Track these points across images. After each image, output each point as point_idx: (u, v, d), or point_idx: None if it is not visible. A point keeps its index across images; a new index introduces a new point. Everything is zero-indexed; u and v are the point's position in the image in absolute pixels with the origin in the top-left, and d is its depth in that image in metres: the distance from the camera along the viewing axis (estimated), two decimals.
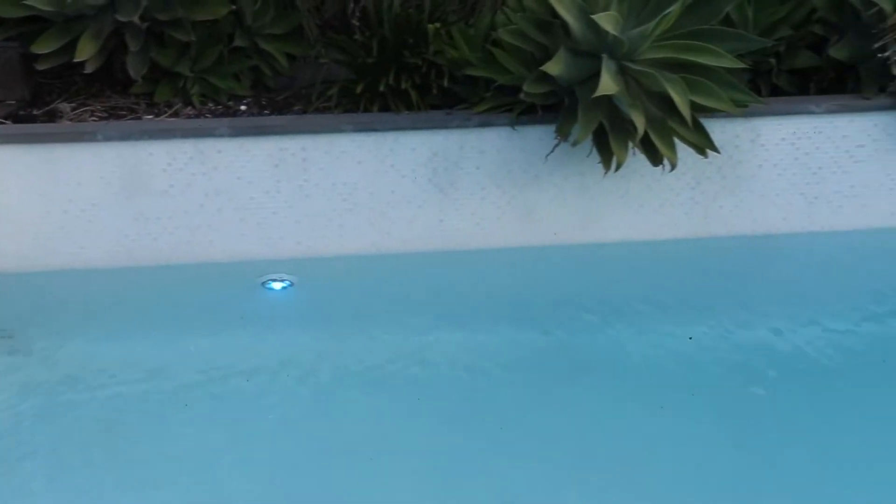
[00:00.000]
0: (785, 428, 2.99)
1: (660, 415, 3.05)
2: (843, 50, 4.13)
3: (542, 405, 3.11)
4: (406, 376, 3.27)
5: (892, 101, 4.07)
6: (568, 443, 2.92)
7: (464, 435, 2.96)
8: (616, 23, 3.45)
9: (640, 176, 4.05)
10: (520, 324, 3.59)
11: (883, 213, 4.24)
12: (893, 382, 3.24)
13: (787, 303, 3.73)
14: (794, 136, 4.11)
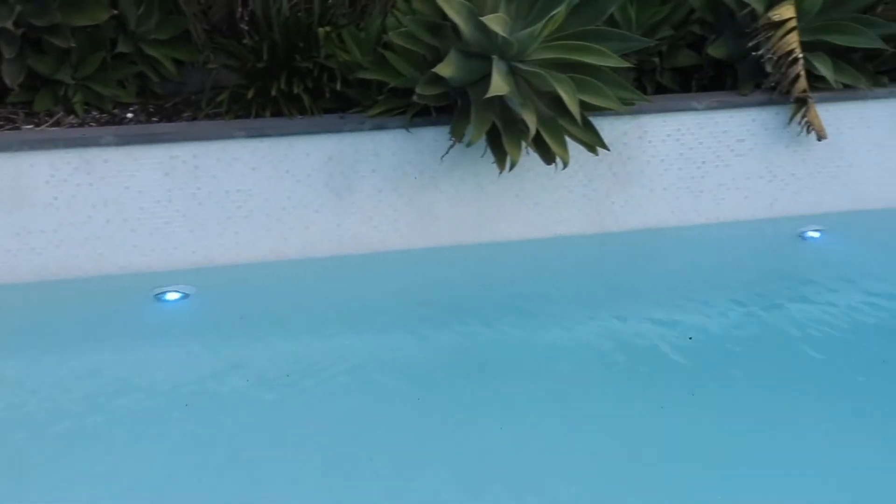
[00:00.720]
0: (686, 417, 3.07)
1: (561, 410, 3.10)
2: (721, 49, 4.31)
3: (445, 405, 3.13)
4: (308, 383, 3.24)
5: (767, 97, 4.26)
6: (470, 443, 2.94)
7: (367, 438, 2.94)
8: (504, 24, 3.50)
9: (534, 175, 4.13)
10: (422, 325, 3.59)
11: (763, 205, 4.43)
12: (777, 366, 3.38)
13: (677, 293, 3.86)
14: (679, 132, 4.26)
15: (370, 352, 3.40)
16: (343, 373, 3.27)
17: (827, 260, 4.16)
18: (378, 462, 2.82)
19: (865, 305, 3.73)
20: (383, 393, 3.18)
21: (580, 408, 3.11)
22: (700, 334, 3.52)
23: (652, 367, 3.33)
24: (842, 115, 4.38)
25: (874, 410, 3.07)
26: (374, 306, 3.68)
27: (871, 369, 3.32)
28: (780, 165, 4.39)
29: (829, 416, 3.06)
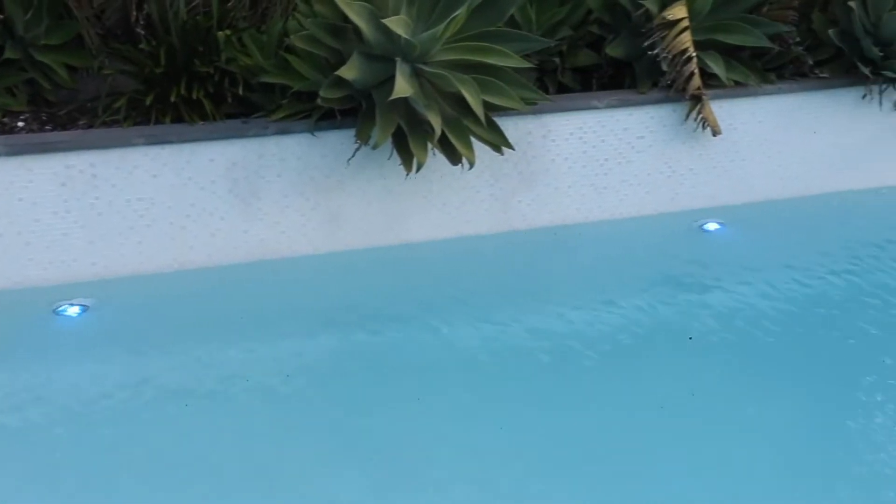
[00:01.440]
0: (598, 411, 3.14)
1: (477, 408, 3.13)
2: (619, 48, 4.42)
3: (362, 408, 3.12)
4: (218, 393, 3.18)
5: (664, 94, 4.39)
6: (385, 444, 2.94)
7: (281, 445, 2.91)
8: (406, 26, 3.51)
9: (440, 176, 4.15)
10: (334, 329, 3.58)
11: (664, 199, 4.57)
12: (682, 355, 3.49)
13: (585, 288, 3.95)
14: (581, 130, 4.35)
15: (280, 359, 3.36)
16: (252, 381, 3.23)
17: (725, 251, 4.32)
18: (291, 466, 2.80)
19: (762, 294, 3.88)
20: (296, 400, 3.15)
21: (496, 405, 3.14)
22: (608, 327, 3.61)
23: (564, 363, 3.38)
24: (734, 112, 4.55)
25: (774, 396, 3.19)
26: (283, 313, 3.64)
27: (772, 355, 3.45)
28: (678, 161, 4.53)
29: (731, 401, 3.17)
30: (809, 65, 4.65)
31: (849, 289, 3.91)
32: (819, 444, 3.00)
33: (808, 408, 3.16)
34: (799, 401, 3.19)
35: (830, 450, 2.95)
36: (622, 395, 3.19)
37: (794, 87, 4.63)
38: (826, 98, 4.69)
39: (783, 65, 4.63)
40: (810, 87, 4.66)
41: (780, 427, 3.06)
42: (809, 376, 3.34)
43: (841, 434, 3.02)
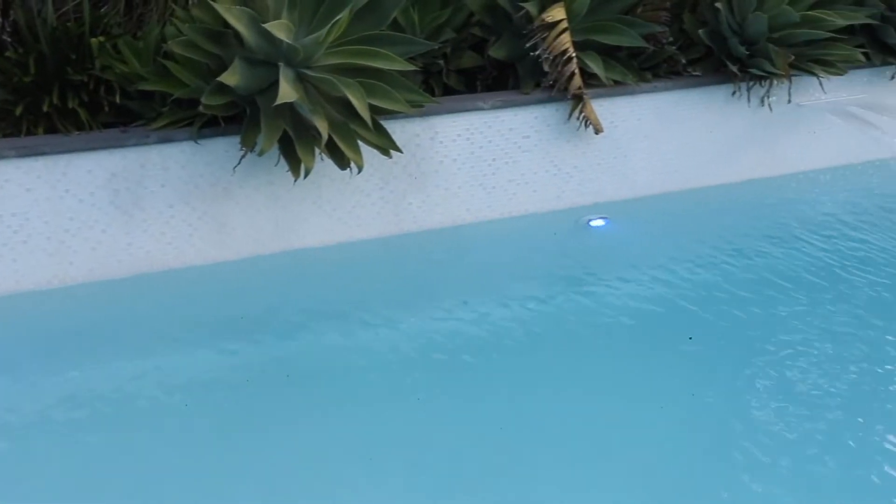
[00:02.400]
0: (497, 410, 3.17)
1: (373, 413, 3.12)
2: (501, 50, 4.49)
3: (254, 418, 3.06)
4: (106, 411, 3.07)
5: (547, 94, 4.49)
6: (280, 453, 2.90)
7: (175, 460, 2.84)
8: (289, 31, 3.47)
9: (330, 180, 4.12)
10: (225, 340, 3.50)
11: (551, 197, 4.67)
12: (577, 350, 3.57)
13: (477, 287, 3.99)
14: (468, 131, 4.40)
15: (168, 372, 3.27)
16: (140, 397, 3.13)
17: (611, 245, 4.45)
18: (176, 484, 2.73)
19: (647, 286, 4.02)
20: (184, 414, 3.08)
21: (388, 412, 3.13)
22: (500, 325, 3.66)
23: (458, 363, 3.41)
24: (615, 110, 4.69)
25: (658, 389, 3.29)
26: (171, 325, 3.55)
27: (661, 345, 3.57)
28: (563, 159, 4.64)
29: (628, 394, 3.25)
30: (682, 63, 4.83)
31: (728, 277, 4.09)
32: (706, 428, 3.11)
33: (697, 394, 3.27)
34: (690, 387, 3.30)
35: (717, 432, 3.07)
36: (517, 393, 3.23)
37: (670, 85, 4.81)
38: (699, 95, 4.89)
39: (658, 64, 4.81)
40: (684, 84, 4.85)
41: (678, 414, 3.14)
42: (698, 362, 3.46)
43: (727, 417, 3.15)
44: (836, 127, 5.10)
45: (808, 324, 3.64)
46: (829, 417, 3.06)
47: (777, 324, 3.65)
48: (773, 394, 3.20)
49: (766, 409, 3.13)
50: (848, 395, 3.15)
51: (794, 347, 3.48)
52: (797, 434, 2.97)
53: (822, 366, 3.35)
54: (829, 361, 3.37)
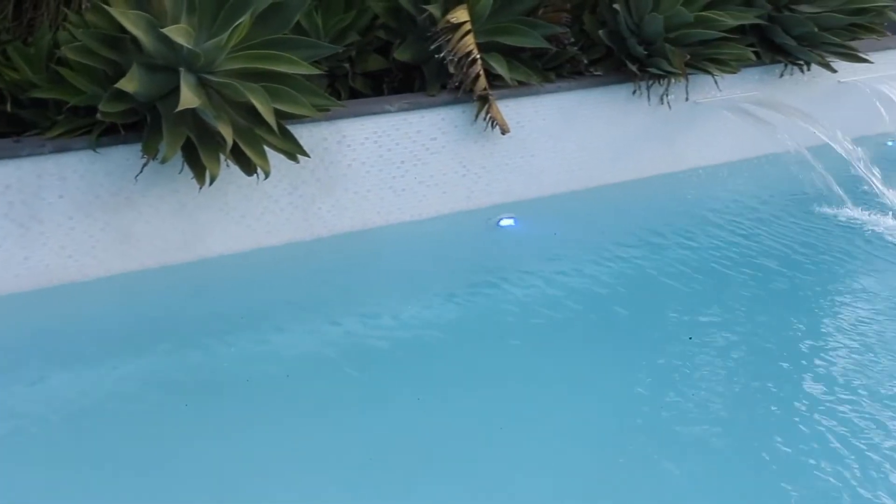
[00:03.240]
0: (412, 414, 3.17)
1: (289, 420, 3.09)
2: (406, 52, 4.50)
3: (170, 433, 3.00)
4: (7, 435, 2.95)
5: (453, 96, 4.51)
6: (195, 465, 2.84)
7: (81, 477, 2.75)
8: (188, 35, 3.40)
9: (236, 187, 4.06)
10: (131, 353, 3.41)
11: (460, 198, 4.70)
12: (493, 350, 3.60)
13: (389, 291, 4.00)
14: (376, 134, 4.39)
15: (72, 389, 3.17)
16: (41, 418, 3.02)
17: (521, 244, 4.52)
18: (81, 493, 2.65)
19: (557, 282, 4.09)
20: (103, 430, 3.00)
21: (309, 416, 3.11)
22: (412, 327, 3.67)
23: (372, 368, 3.40)
24: (520, 110, 4.75)
25: (582, 377, 3.36)
26: (74, 341, 3.44)
27: (574, 338, 3.63)
28: (471, 160, 4.68)
29: (542, 392, 3.30)
30: (584, 64, 4.94)
31: (636, 271, 4.20)
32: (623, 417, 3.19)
33: (609, 386, 3.34)
34: (601, 379, 3.37)
35: (627, 419, 3.15)
36: (432, 396, 3.24)
37: (573, 85, 4.90)
38: (601, 94, 5.00)
39: (561, 64, 4.89)
40: (587, 84, 4.95)
41: (590, 403, 3.21)
42: (609, 353, 3.54)
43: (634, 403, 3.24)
44: (731, 123, 5.29)
45: (713, 312, 3.77)
46: (729, 402, 3.18)
47: (684, 314, 3.77)
48: (681, 382, 3.30)
49: (673, 395, 3.23)
50: (746, 382, 3.27)
51: (700, 336, 3.60)
52: (701, 417, 3.07)
53: (725, 353, 3.47)
54: (731, 349, 3.50)
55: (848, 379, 3.24)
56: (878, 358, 3.38)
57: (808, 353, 3.46)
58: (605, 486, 2.78)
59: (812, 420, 3.01)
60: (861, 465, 2.79)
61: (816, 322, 3.76)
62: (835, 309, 3.89)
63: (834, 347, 3.51)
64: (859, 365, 3.34)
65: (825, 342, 3.57)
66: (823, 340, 3.58)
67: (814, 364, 3.38)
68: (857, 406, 3.06)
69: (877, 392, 3.14)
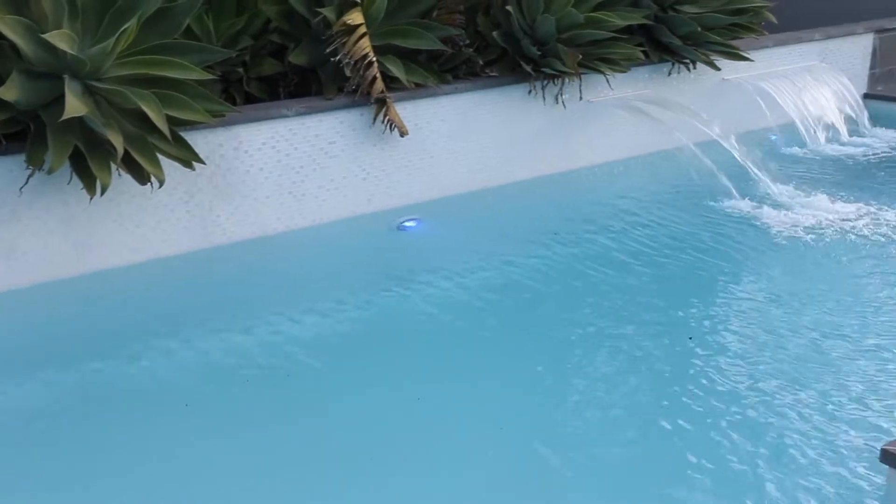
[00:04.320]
0: (324, 420, 3.12)
1: (190, 436, 3.01)
2: (301, 56, 4.46)
3: (71, 449, 2.89)
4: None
5: (350, 99, 4.50)
6: (101, 480, 2.75)
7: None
8: (71, 41, 3.29)
9: (130, 196, 3.94)
10: (18, 375, 3.27)
11: (361, 201, 4.69)
12: (401, 351, 3.59)
13: (292, 298, 3.94)
14: (273, 139, 4.34)
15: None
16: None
17: (423, 246, 4.53)
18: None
19: (459, 283, 4.12)
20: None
21: (207, 431, 3.03)
22: (317, 333, 3.63)
23: (279, 376, 3.34)
24: (419, 112, 4.77)
25: (476, 378, 3.39)
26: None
27: (485, 337, 3.66)
28: (371, 163, 4.67)
29: (441, 390, 3.31)
30: (480, 65, 4.99)
31: (539, 269, 4.26)
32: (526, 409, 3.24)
33: (515, 378, 3.38)
34: (506, 374, 3.40)
35: (534, 410, 3.19)
36: (342, 402, 3.20)
37: (470, 86, 4.95)
38: (498, 95, 5.07)
39: (457, 66, 4.94)
40: (483, 85, 5.01)
41: (497, 399, 3.23)
42: (515, 348, 3.58)
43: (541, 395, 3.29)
44: (624, 121, 5.45)
45: (610, 304, 3.86)
46: (624, 389, 3.26)
47: (582, 308, 3.84)
48: (578, 373, 3.37)
49: (569, 387, 3.29)
50: (642, 371, 3.37)
51: (599, 329, 3.68)
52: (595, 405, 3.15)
53: (620, 343, 3.56)
54: (624, 339, 3.59)
55: (738, 361, 3.37)
56: (766, 340, 3.52)
57: (702, 337, 3.59)
58: (497, 479, 2.81)
59: (703, 401, 3.11)
60: (751, 447, 2.90)
61: (709, 308, 3.89)
62: (725, 295, 4.04)
63: (724, 332, 3.63)
64: (749, 346, 3.48)
65: (717, 326, 3.69)
66: (715, 325, 3.71)
67: (706, 346, 3.51)
68: (744, 389, 3.18)
69: (763, 375, 3.27)
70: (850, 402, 3.07)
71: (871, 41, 6.97)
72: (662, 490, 2.72)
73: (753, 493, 2.66)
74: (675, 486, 2.73)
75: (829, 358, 3.37)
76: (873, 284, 3.98)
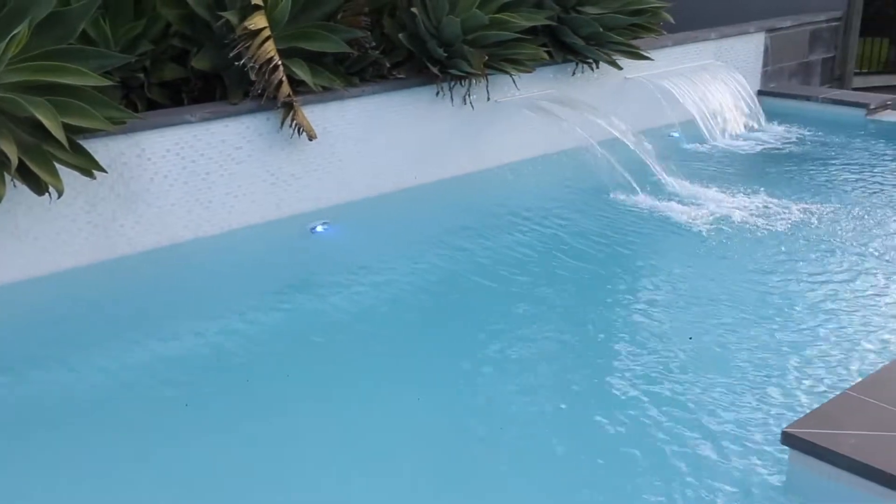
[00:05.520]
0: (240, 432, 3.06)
1: (105, 449, 2.93)
2: (204, 60, 4.38)
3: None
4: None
5: (256, 104, 4.44)
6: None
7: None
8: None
9: (27, 208, 3.80)
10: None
11: (271, 207, 4.63)
12: (310, 356, 3.57)
13: (201, 308, 3.87)
14: (178, 146, 4.25)
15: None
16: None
17: (334, 250, 4.51)
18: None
19: (371, 287, 4.12)
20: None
21: (109, 447, 2.95)
22: (229, 341, 3.58)
23: (189, 390, 3.27)
24: (326, 115, 4.75)
25: (391, 382, 3.39)
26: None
27: (395, 340, 3.66)
28: (279, 168, 4.62)
29: (352, 396, 3.29)
30: (387, 67, 4.99)
31: (447, 271, 4.29)
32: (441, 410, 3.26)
33: (426, 383, 3.40)
34: (420, 377, 3.42)
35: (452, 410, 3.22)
36: (255, 412, 3.16)
37: (377, 89, 4.95)
38: (406, 97, 5.08)
39: (364, 68, 4.93)
40: (391, 87, 5.01)
41: (413, 400, 3.24)
42: (428, 349, 3.60)
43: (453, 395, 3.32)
44: (531, 121, 5.53)
45: (517, 302, 3.93)
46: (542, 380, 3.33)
47: (492, 306, 3.90)
48: (492, 375, 3.42)
49: (485, 383, 3.34)
50: (552, 363, 3.44)
51: (510, 325, 3.74)
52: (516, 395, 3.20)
53: (531, 340, 3.63)
54: (536, 336, 3.66)
55: (639, 350, 3.47)
56: (664, 330, 3.64)
57: (604, 327, 3.69)
58: (418, 478, 2.84)
59: (607, 393, 3.20)
60: (653, 434, 2.98)
61: (611, 299, 4.00)
62: (628, 287, 4.14)
63: (626, 322, 3.73)
64: (648, 336, 3.59)
65: (618, 317, 3.79)
66: (616, 316, 3.81)
67: (610, 336, 3.61)
68: (655, 376, 3.28)
69: (662, 365, 3.37)
70: (751, 389, 3.19)
71: (762, 40, 7.26)
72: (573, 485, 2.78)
73: (655, 479, 2.74)
74: (585, 474, 2.79)
75: (727, 346, 3.49)
76: (768, 272, 4.15)
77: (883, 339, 3.49)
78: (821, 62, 8.02)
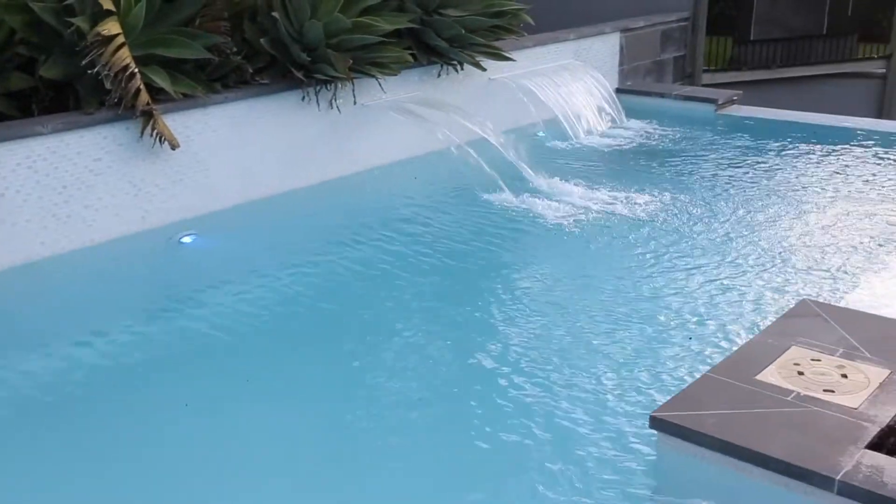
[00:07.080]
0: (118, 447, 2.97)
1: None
2: (54, 69, 4.19)
3: None
4: None
5: (114, 113, 4.27)
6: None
7: None
8: None
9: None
10: None
11: (135, 219, 4.47)
12: (180, 370, 3.47)
13: (60, 328, 3.70)
14: (30, 159, 4.05)
15: None
16: None
17: (204, 260, 4.41)
18: None
19: (241, 297, 4.04)
20: None
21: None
22: (92, 361, 3.44)
23: (48, 414, 3.13)
24: (189, 123, 4.62)
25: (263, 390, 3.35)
26: None
27: (263, 351, 3.61)
28: (142, 178, 4.46)
29: (220, 409, 3.23)
30: (250, 73, 4.91)
31: (321, 276, 4.27)
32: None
33: (309, 392, 3.37)
34: (301, 387, 3.38)
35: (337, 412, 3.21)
36: (126, 432, 3.05)
37: (241, 95, 4.86)
38: (271, 102, 5.01)
39: (226, 74, 4.83)
40: (255, 93, 4.93)
41: (298, 405, 3.22)
42: (301, 359, 3.57)
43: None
44: (399, 123, 5.55)
45: (391, 305, 3.95)
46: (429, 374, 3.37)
47: (365, 311, 3.91)
48: (375, 368, 3.43)
49: (372, 381, 3.35)
50: (436, 358, 3.49)
51: (389, 325, 3.76)
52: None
53: (412, 338, 3.67)
54: (417, 334, 3.70)
55: (512, 343, 3.55)
56: (533, 322, 3.74)
57: (476, 323, 3.76)
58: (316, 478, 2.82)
59: (483, 384, 3.27)
60: (525, 423, 3.06)
61: (483, 294, 4.08)
62: (499, 282, 4.24)
63: (497, 316, 3.81)
64: (519, 328, 3.68)
65: (490, 312, 3.87)
66: (489, 311, 3.88)
67: (482, 332, 3.68)
68: (517, 370, 3.36)
69: (533, 355, 3.47)
70: (619, 376, 3.31)
71: (618, 40, 7.56)
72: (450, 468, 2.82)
73: (528, 466, 2.81)
74: (460, 463, 2.85)
75: (595, 335, 3.62)
76: (630, 261, 4.33)
77: (736, 322, 3.70)
78: (673, 60, 8.43)
